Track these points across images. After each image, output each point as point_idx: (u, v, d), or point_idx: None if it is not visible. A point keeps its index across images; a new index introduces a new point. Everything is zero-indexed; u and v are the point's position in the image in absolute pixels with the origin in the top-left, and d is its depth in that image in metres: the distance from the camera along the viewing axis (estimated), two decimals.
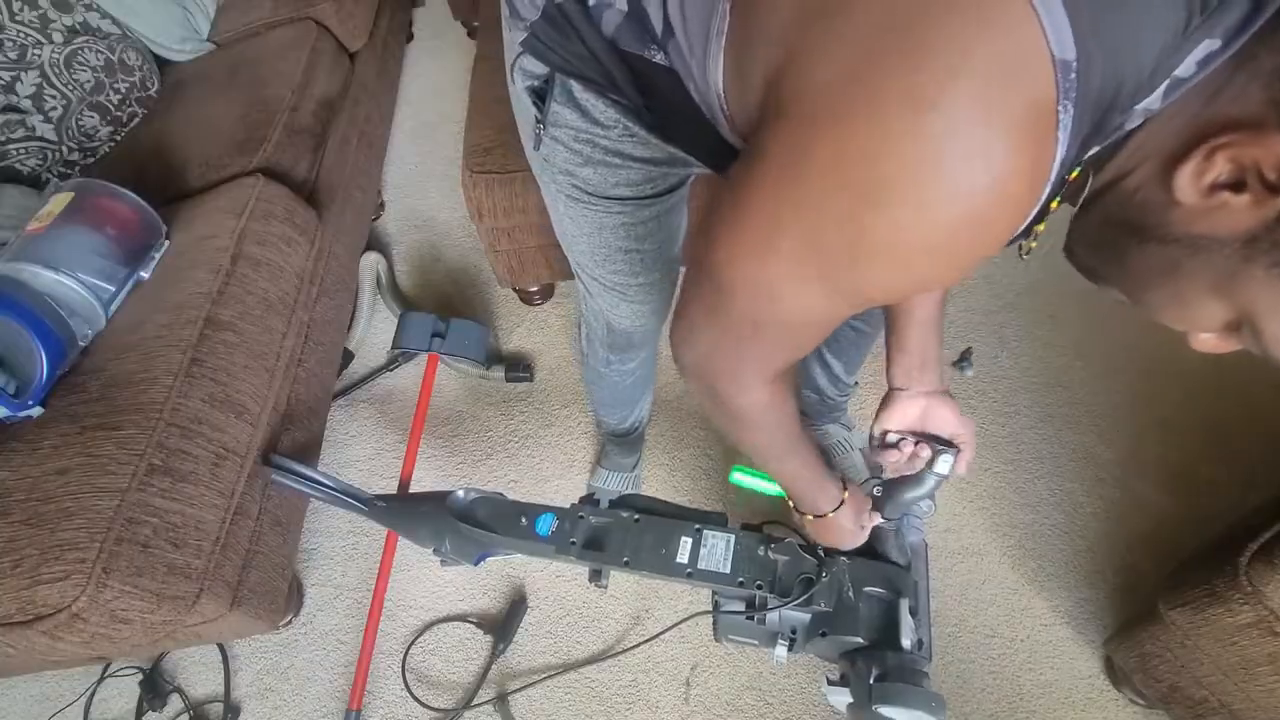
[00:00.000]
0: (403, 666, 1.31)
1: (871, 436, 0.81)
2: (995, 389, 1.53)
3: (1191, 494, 1.35)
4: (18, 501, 0.95)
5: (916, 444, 0.77)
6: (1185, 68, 0.37)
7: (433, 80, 2.44)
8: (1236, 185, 0.36)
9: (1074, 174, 0.44)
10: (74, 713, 1.33)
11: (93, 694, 1.34)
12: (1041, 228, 0.51)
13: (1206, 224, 0.38)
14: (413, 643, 1.34)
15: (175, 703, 1.32)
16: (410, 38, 2.56)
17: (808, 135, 0.41)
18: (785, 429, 0.70)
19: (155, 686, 1.31)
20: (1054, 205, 0.48)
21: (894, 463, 0.78)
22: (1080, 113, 0.37)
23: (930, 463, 0.73)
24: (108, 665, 1.36)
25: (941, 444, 0.75)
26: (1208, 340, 0.45)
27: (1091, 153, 0.43)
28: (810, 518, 0.81)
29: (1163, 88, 0.38)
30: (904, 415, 0.78)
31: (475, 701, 1.26)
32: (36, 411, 1.03)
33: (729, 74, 0.52)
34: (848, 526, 0.80)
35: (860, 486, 0.82)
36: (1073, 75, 0.35)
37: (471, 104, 1.44)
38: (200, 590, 1.03)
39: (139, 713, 1.30)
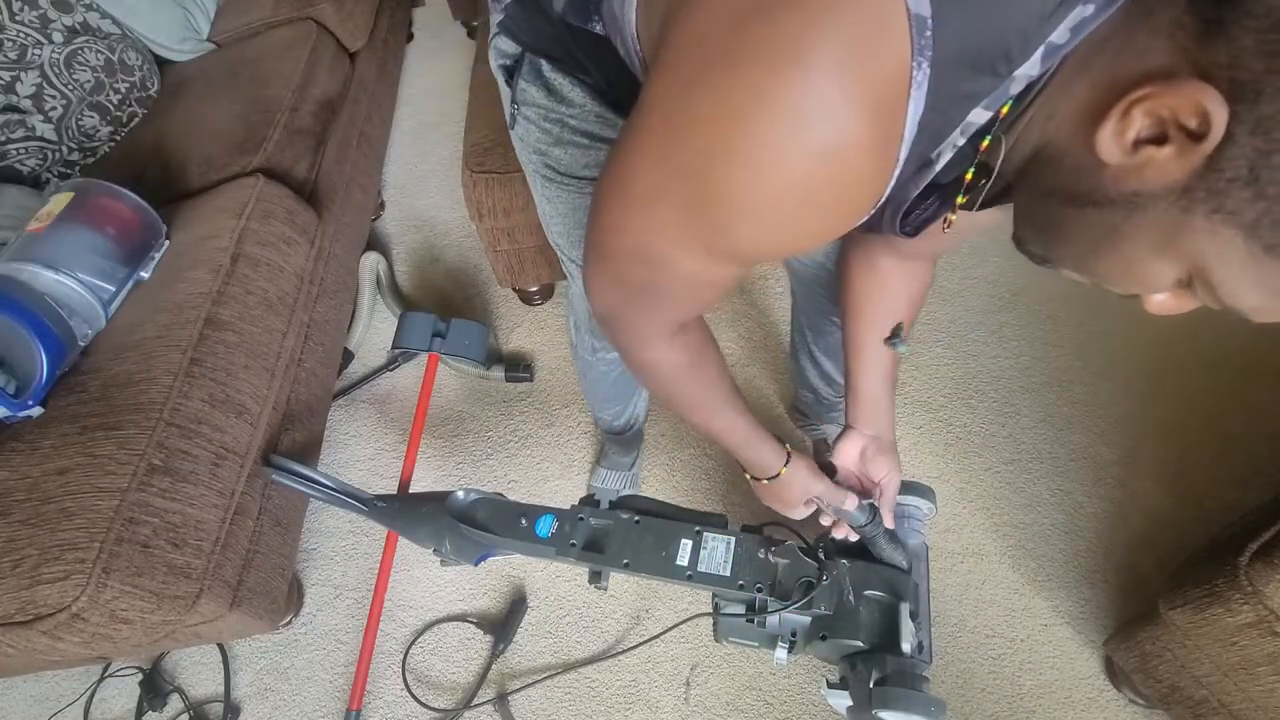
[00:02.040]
0: (403, 666, 1.31)
1: (826, 464, 0.84)
2: (995, 389, 1.53)
3: (1191, 494, 1.35)
4: (18, 501, 0.96)
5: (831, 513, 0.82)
6: (1059, 34, 0.37)
7: (433, 80, 2.44)
8: (1158, 139, 0.36)
9: (985, 143, 0.45)
10: (74, 713, 1.33)
11: (93, 694, 1.34)
12: (961, 199, 0.51)
13: (1137, 181, 0.38)
14: (413, 643, 1.34)
15: (175, 703, 1.32)
16: (410, 38, 2.57)
17: (680, 92, 0.41)
18: (698, 383, 0.71)
19: (155, 686, 1.32)
20: (968, 175, 0.48)
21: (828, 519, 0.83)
22: (939, 73, 0.37)
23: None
24: (108, 665, 1.36)
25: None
26: (1163, 302, 0.44)
27: (985, 120, 0.43)
28: (752, 480, 0.82)
29: (1039, 54, 0.38)
30: (849, 450, 0.82)
31: (475, 701, 1.26)
32: (36, 411, 1.04)
33: (641, 14, 0.52)
34: (787, 497, 0.81)
35: (812, 469, 0.82)
36: (928, 33, 0.35)
37: (471, 104, 1.44)
38: (200, 590, 1.03)
39: (139, 713, 1.30)
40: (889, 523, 0.80)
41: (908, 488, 0.85)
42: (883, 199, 0.46)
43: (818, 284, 1.05)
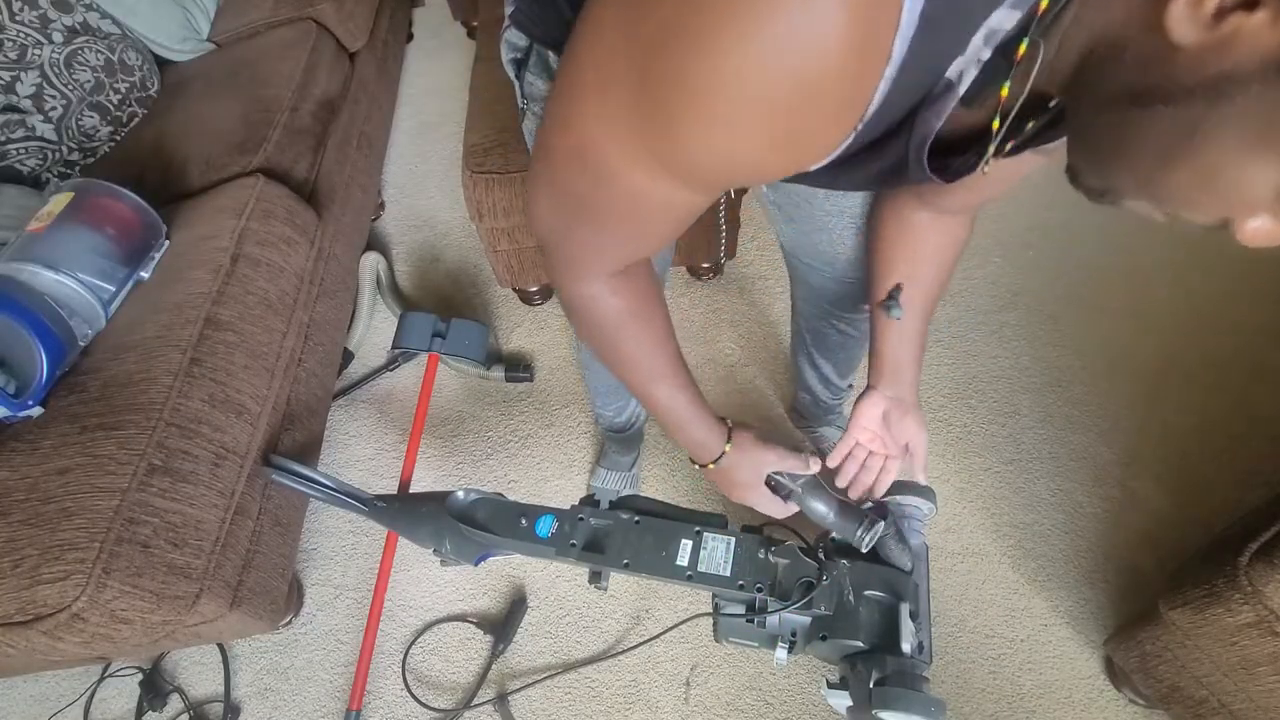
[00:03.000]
0: (403, 666, 1.31)
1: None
2: (995, 389, 1.53)
3: (1191, 494, 1.35)
4: (18, 501, 0.95)
5: (869, 456, 0.79)
6: None
7: (433, 80, 2.44)
8: (1248, 2, 0.29)
9: (1021, 48, 0.38)
10: (74, 713, 1.33)
11: (93, 694, 1.34)
12: (996, 124, 0.44)
13: (1222, 60, 0.30)
14: (413, 643, 1.34)
15: (175, 703, 1.32)
16: (410, 38, 2.56)
17: None
18: (637, 337, 0.65)
19: (155, 686, 1.31)
20: (1003, 92, 0.41)
21: (848, 474, 0.81)
22: None
23: (861, 522, 0.75)
24: (108, 665, 1.36)
25: (875, 513, 0.77)
26: (1260, 228, 0.35)
27: (1014, 22, 0.37)
28: (701, 470, 0.77)
29: None
30: (869, 412, 0.79)
31: (475, 701, 1.26)
32: (36, 411, 1.04)
33: None
34: (740, 480, 0.77)
35: (758, 440, 0.77)
36: None
37: (471, 104, 1.44)
38: (200, 590, 1.03)
39: (139, 713, 1.30)
40: (921, 478, 0.77)
41: (908, 488, 0.85)
42: (865, 117, 0.40)
43: (817, 287, 1.04)
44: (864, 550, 0.75)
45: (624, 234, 0.54)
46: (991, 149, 0.45)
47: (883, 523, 0.76)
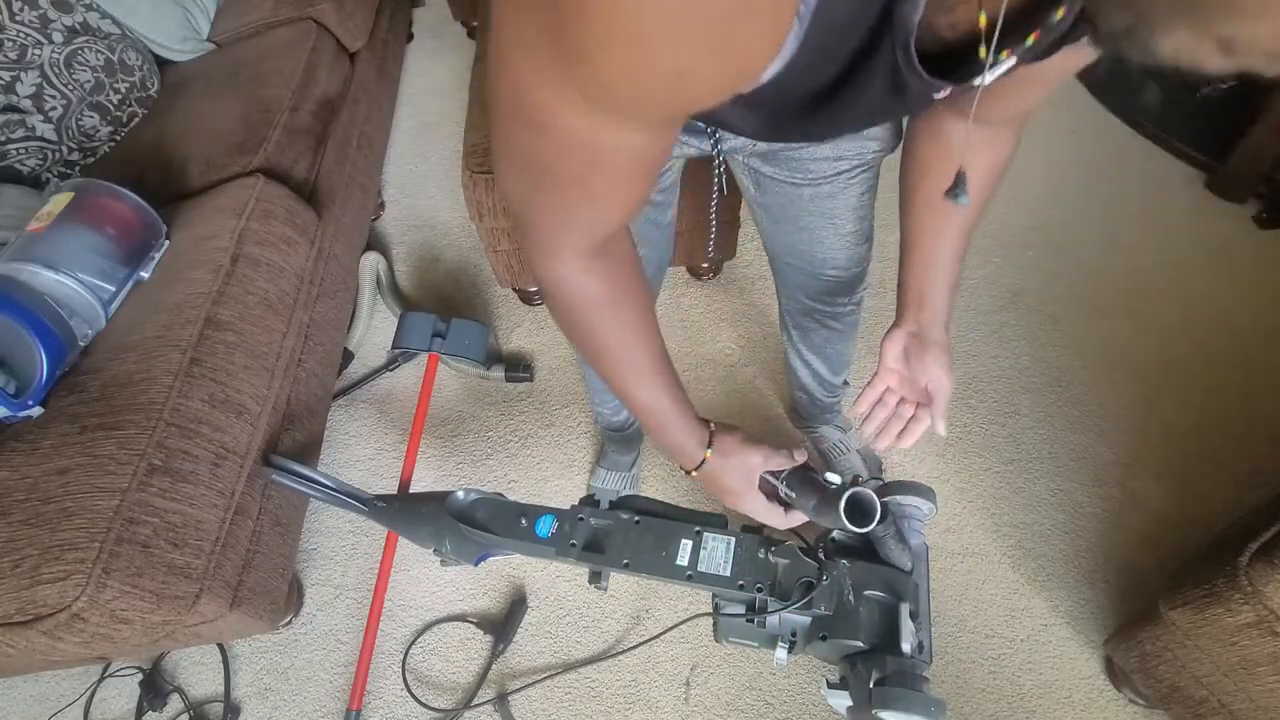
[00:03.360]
0: (403, 666, 1.31)
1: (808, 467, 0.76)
2: (995, 389, 1.53)
3: (1191, 494, 1.35)
4: (18, 501, 0.95)
5: (900, 403, 0.75)
6: None
7: (433, 80, 2.44)
8: None
9: None
10: (74, 713, 1.33)
11: (93, 694, 1.34)
12: (982, 18, 0.39)
13: None
14: (413, 643, 1.34)
15: (175, 703, 1.32)
16: (410, 38, 2.57)
17: None
18: (616, 327, 0.61)
19: (155, 686, 1.32)
20: None
21: (876, 421, 0.78)
22: None
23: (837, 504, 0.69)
24: (108, 665, 1.36)
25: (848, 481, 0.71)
26: None
27: None
28: (684, 473, 0.75)
29: None
30: (891, 349, 0.75)
31: (475, 701, 1.26)
32: (36, 411, 1.04)
33: None
34: (729, 485, 0.74)
35: (744, 442, 0.74)
36: None
37: (471, 104, 1.44)
38: (200, 590, 1.03)
39: (139, 713, 1.30)
40: (940, 428, 0.73)
41: (908, 488, 0.85)
42: (808, 2, 0.37)
43: (798, 284, 1.05)
44: (851, 527, 0.70)
45: (580, 193, 0.51)
46: (995, 33, 0.39)
47: (882, 516, 0.75)
